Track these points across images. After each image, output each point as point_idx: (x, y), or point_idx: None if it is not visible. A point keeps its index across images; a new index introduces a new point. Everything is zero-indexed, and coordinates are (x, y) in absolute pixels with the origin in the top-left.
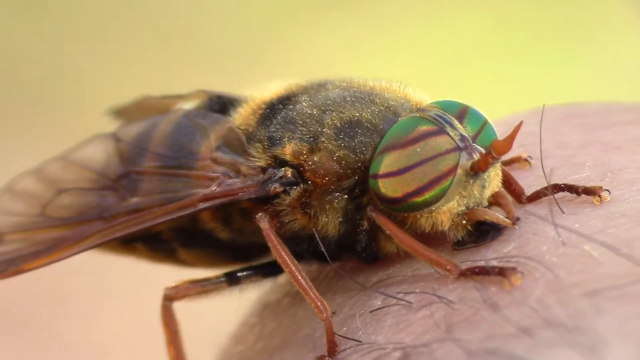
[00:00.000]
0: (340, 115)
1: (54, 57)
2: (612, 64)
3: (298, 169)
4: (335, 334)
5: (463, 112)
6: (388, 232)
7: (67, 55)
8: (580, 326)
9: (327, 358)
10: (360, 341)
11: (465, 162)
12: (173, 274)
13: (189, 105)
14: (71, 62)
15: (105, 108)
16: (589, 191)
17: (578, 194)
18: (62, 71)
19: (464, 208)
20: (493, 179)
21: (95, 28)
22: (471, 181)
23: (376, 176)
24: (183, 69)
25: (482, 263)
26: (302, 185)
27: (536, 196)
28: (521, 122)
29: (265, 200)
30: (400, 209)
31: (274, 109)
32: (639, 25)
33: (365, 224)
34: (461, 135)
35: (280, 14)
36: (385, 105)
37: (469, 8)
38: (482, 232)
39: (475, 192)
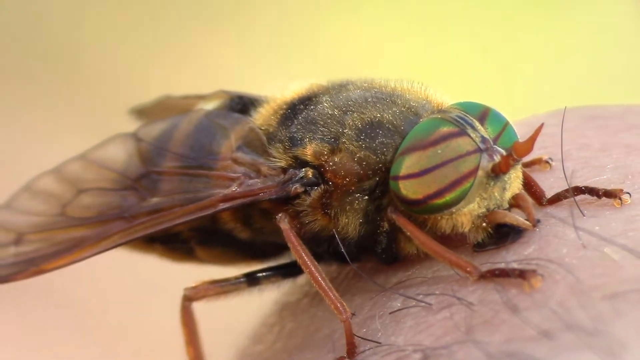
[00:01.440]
0: (362, 116)
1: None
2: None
3: (319, 169)
4: (354, 335)
5: (484, 114)
6: (408, 233)
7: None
8: (600, 329)
9: (346, 359)
10: (380, 342)
11: (486, 163)
12: (192, 274)
13: (209, 105)
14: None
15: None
16: (610, 194)
17: (599, 196)
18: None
19: (484, 210)
20: (514, 181)
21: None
22: (492, 183)
23: (397, 177)
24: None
25: (502, 265)
26: (322, 186)
27: (557, 198)
28: (542, 124)
29: (285, 201)
30: (421, 211)
31: (295, 110)
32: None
33: (386, 225)
34: (482, 137)
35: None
36: (407, 106)
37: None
38: (502, 234)
39: (496, 194)
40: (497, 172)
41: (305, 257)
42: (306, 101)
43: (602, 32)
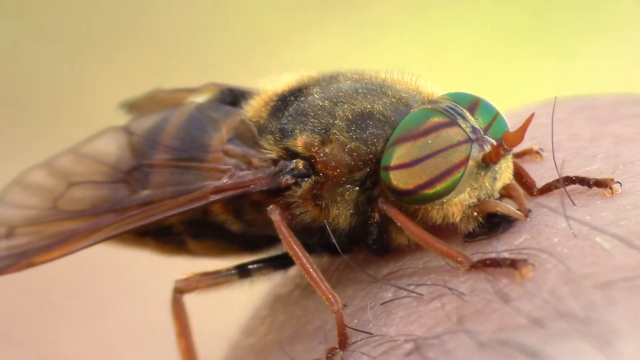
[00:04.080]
0: (352, 107)
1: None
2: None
3: (309, 160)
4: (346, 326)
5: (475, 104)
6: (399, 224)
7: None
8: (593, 317)
9: (337, 350)
10: (371, 333)
11: (476, 153)
12: (183, 266)
13: (200, 98)
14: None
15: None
16: (600, 183)
17: (589, 186)
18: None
19: (475, 200)
20: (504, 171)
21: (80, 32)
22: (482, 173)
23: (387, 168)
24: (170, 72)
25: (494, 255)
26: (313, 177)
27: (547, 188)
28: (532, 114)
29: (276, 193)
30: (412, 201)
31: (285, 101)
32: None
33: (377, 216)
34: (473, 127)
35: (273, 14)
36: (397, 97)
37: (464, 6)
38: (493, 224)
39: (487, 184)
40: (488, 162)
41: (296, 249)
42: (296, 93)
43: None
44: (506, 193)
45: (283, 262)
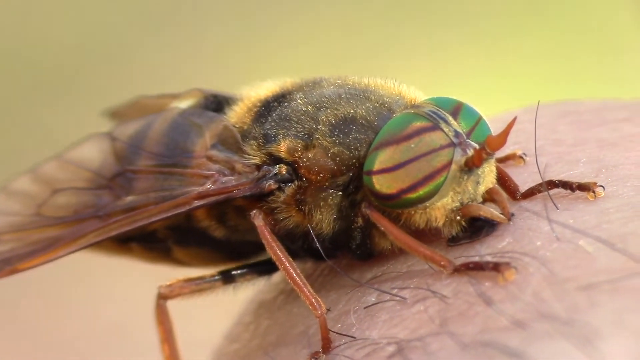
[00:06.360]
0: (335, 112)
1: None
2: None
3: (293, 166)
4: (329, 330)
5: (457, 109)
6: (382, 228)
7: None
8: (575, 319)
9: (321, 354)
10: (355, 337)
11: (459, 158)
12: (167, 273)
13: (184, 104)
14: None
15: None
16: (583, 187)
17: (572, 190)
18: None
19: (458, 204)
20: (487, 175)
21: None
22: (465, 177)
23: (370, 172)
24: None
25: (477, 258)
26: (296, 182)
27: (530, 192)
28: (515, 118)
29: (260, 198)
30: (395, 205)
31: (269, 107)
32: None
33: (360, 220)
34: (455, 131)
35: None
36: (380, 102)
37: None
38: (477, 228)
39: (470, 188)
40: (471, 166)
41: (279, 254)
42: (280, 98)
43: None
44: (489, 197)
45: (267, 268)
